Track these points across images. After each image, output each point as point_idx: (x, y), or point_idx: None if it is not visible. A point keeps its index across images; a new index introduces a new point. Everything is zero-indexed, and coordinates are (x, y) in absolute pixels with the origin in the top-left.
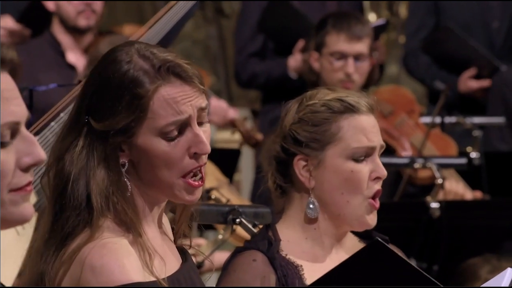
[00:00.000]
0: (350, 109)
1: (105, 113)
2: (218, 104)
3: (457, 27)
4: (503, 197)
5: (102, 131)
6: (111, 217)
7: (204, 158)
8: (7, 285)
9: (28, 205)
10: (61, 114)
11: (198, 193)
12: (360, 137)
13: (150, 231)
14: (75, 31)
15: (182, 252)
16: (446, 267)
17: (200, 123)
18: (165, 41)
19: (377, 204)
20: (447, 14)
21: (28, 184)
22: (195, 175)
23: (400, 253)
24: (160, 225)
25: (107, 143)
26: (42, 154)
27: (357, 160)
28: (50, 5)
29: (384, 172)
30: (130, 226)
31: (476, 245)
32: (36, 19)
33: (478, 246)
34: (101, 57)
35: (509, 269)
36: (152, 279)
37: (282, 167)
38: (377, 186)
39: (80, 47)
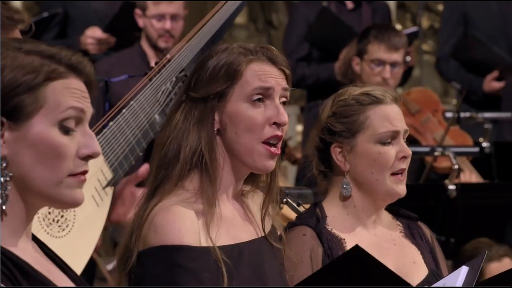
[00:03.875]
0: (375, 100)
1: (205, 83)
2: None
3: (482, 35)
4: (510, 180)
5: (200, 98)
6: (188, 184)
7: (282, 130)
8: (86, 256)
9: (80, 191)
10: (131, 102)
11: (273, 162)
12: (385, 123)
13: (223, 199)
14: (156, 48)
15: (273, 230)
16: (461, 240)
17: (283, 103)
18: (216, 38)
19: (402, 177)
20: (474, 24)
21: (84, 172)
22: (273, 144)
23: (427, 229)
24: (236, 195)
25: (204, 108)
26: (98, 148)
27: (384, 143)
28: (140, 22)
29: (409, 151)
30: (206, 187)
31: (487, 221)
32: (119, 30)
33: (489, 222)
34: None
35: (463, 267)
36: (209, 244)
37: (323, 155)
38: (403, 165)
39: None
